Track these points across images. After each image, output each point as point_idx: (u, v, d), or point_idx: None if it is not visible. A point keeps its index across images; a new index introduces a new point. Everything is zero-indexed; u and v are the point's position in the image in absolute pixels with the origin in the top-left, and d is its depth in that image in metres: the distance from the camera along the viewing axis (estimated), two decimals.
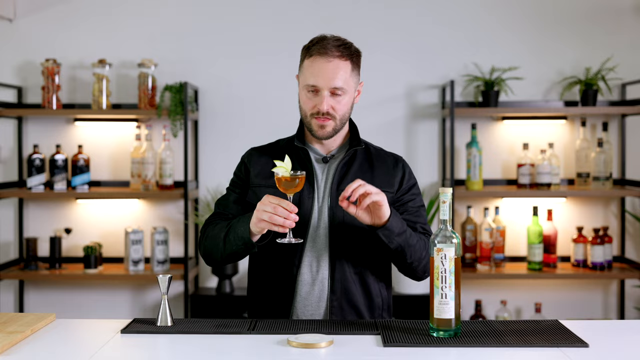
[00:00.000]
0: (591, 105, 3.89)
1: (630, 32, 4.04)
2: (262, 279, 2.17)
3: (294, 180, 1.95)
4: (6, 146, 4.07)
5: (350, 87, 2.11)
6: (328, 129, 2.11)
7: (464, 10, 4.05)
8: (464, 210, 4.05)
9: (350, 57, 2.10)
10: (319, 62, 2.07)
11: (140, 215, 4.08)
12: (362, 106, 4.03)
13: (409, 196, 2.20)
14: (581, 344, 1.79)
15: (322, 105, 2.07)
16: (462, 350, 1.76)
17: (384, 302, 2.18)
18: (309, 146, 2.20)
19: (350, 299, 2.10)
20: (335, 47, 2.08)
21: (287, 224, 1.92)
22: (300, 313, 2.12)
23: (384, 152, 2.26)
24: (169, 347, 1.82)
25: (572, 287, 4.08)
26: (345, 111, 2.12)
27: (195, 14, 4.07)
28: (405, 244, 2.03)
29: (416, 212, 2.19)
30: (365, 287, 2.13)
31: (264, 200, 1.94)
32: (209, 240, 2.13)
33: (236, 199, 2.21)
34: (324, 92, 2.07)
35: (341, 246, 2.09)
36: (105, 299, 4.09)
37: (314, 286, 2.10)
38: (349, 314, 2.11)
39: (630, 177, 4.03)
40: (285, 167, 1.96)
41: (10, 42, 4.07)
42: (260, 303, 2.18)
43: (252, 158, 2.24)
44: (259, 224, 1.96)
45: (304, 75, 2.11)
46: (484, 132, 4.06)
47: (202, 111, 4.08)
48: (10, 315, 2.02)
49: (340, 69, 2.07)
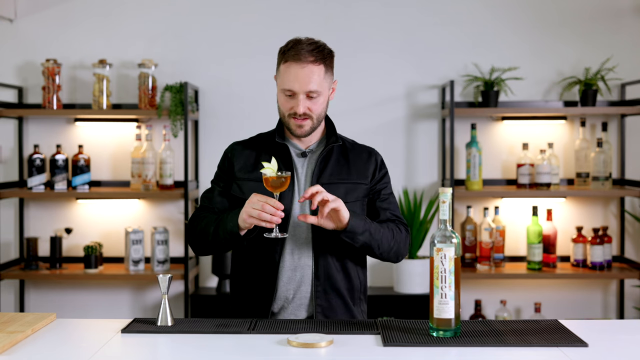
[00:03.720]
0: (591, 105, 3.90)
1: (630, 32, 4.04)
2: (246, 265, 2.28)
3: (280, 180, 2.09)
4: (7, 146, 4.07)
5: (324, 88, 2.23)
6: (306, 128, 2.24)
7: (464, 10, 4.06)
8: (463, 210, 4.05)
9: (324, 60, 2.22)
10: (293, 68, 2.19)
11: (140, 215, 4.08)
12: (362, 106, 4.04)
13: (381, 184, 2.33)
14: (581, 343, 1.79)
15: (299, 107, 2.20)
16: (462, 350, 1.76)
17: (362, 285, 2.33)
18: (288, 141, 2.32)
19: (332, 283, 2.23)
20: (308, 53, 2.19)
21: (275, 220, 2.05)
22: (281, 295, 2.22)
23: (358, 146, 2.38)
24: (169, 346, 1.83)
25: (572, 287, 4.08)
26: (320, 110, 2.25)
27: (195, 14, 4.07)
28: (369, 240, 2.17)
29: (387, 199, 2.33)
30: (345, 272, 2.26)
31: (252, 199, 2.08)
32: (197, 232, 2.26)
33: (220, 192, 2.32)
34: (300, 95, 2.20)
35: (323, 235, 2.20)
36: (106, 298, 4.09)
37: (296, 272, 2.22)
38: (333, 297, 2.23)
39: (630, 177, 4.03)
40: (272, 168, 2.10)
41: (11, 42, 4.08)
42: (243, 288, 2.28)
43: (234, 152, 2.34)
44: (248, 219, 2.08)
45: (281, 79, 2.23)
46: (484, 132, 4.06)
47: (202, 111, 4.08)
48: (10, 315, 2.02)
49: (314, 74, 2.19)
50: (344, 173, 2.28)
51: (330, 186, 2.22)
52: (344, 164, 2.30)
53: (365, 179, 2.30)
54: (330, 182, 2.24)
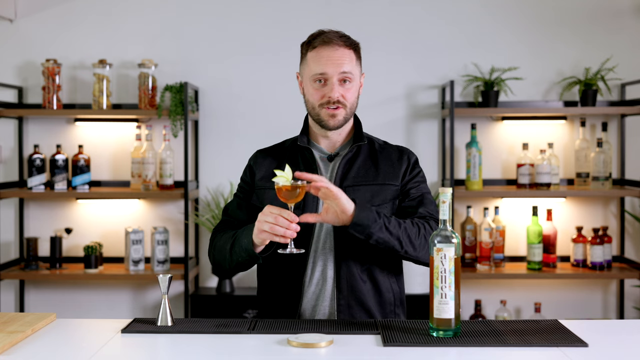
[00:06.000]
0: (591, 105, 3.90)
1: (630, 32, 4.04)
2: (270, 282, 2.16)
3: (294, 190, 1.92)
4: (7, 146, 4.07)
5: (356, 76, 2.13)
6: (339, 118, 2.11)
7: (464, 10, 4.06)
8: (463, 210, 4.05)
9: (353, 46, 2.14)
10: (325, 50, 2.09)
11: (140, 215, 4.08)
12: (362, 106, 3.99)
13: (412, 184, 2.17)
14: (581, 343, 1.79)
15: (333, 92, 2.07)
16: (461, 350, 1.76)
17: (396, 297, 2.15)
18: (313, 145, 2.20)
19: (357, 296, 2.07)
20: (337, 37, 2.11)
21: (288, 234, 1.90)
22: (308, 314, 2.11)
23: (389, 146, 2.25)
24: (169, 346, 1.83)
25: (572, 287, 4.08)
26: (353, 100, 2.13)
27: (195, 14, 4.07)
28: (386, 235, 1.97)
29: (418, 198, 2.14)
30: (374, 283, 2.10)
31: (265, 211, 1.93)
32: (217, 251, 2.14)
33: (240, 205, 2.20)
34: (333, 79, 2.08)
35: (347, 243, 2.07)
36: (106, 298, 4.09)
37: (321, 286, 2.09)
38: (358, 312, 2.09)
39: (630, 177, 4.03)
40: (285, 176, 1.92)
41: (11, 43, 4.08)
42: (269, 306, 2.17)
43: (257, 160, 2.23)
44: (260, 235, 1.94)
45: (309, 67, 2.12)
46: (484, 132, 4.06)
47: (202, 111, 4.08)
48: (10, 315, 2.02)
49: (346, 56, 2.10)
50: (370, 175, 2.13)
51: (354, 188, 2.09)
52: (370, 165, 2.16)
53: (395, 180, 2.15)
54: (354, 185, 2.10)
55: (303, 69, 2.16)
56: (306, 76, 2.14)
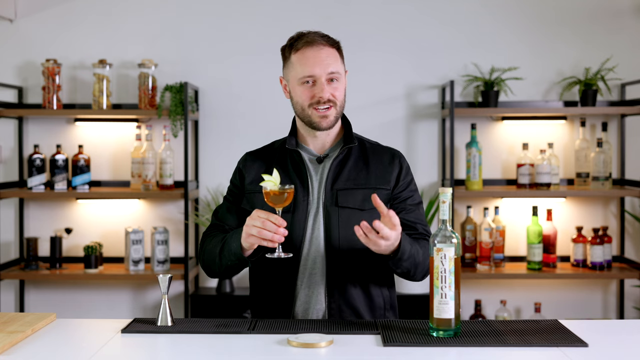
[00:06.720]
0: (591, 105, 3.89)
1: (630, 32, 4.04)
2: (263, 285, 2.16)
3: (282, 194, 1.93)
4: (7, 146, 4.07)
5: (342, 74, 2.13)
6: (330, 118, 2.09)
7: (463, 10, 4.06)
8: (463, 210, 4.05)
9: (336, 45, 2.13)
10: (309, 51, 2.07)
11: (140, 215, 4.08)
12: (362, 106, 4.04)
13: (407, 193, 2.16)
14: (581, 343, 1.79)
15: (324, 92, 2.06)
16: (461, 350, 1.76)
17: (386, 302, 2.15)
18: (302, 147, 2.18)
19: (348, 300, 2.08)
20: (320, 37, 2.10)
21: (276, 238, 1.90)
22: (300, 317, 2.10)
23: (380, 147, 2.23)
24: (169, 347, 1.83)
25: (572, 287, 4.08)
26: (342, 97, 2.13)
27: (195, 13, 4.07)
28: (412, 265, 1.99)
29: (415, 210, 2.14)
30: (365, 287, 2.10)
31: (253, 215, 1.92)
32: (206, 255, 2.13)
33: (230, 208, 2.19)
34: (322, 79, 2.07)
35: (338, 247, 2.07)
36: (106, 298, 4.09)
37: (313, 289, 2.09)
38: (348, 316, 2.09)
39: (630, 177, 4.03)
40: (273, 181, 1.93)
41: (11, 43, 4.08)
42: (262, 309, 2.16)
43: (246, 164, 2.22)
44: (248, 239, 1.94)
45: (295, 69, 2.10)
46: (484, 132, 4.06)
47: (202, 111, 4.08)
48: (10, 315, 2.02)
49: (331, 55, 2.09)
50: (361, 177, 2.11)
51: (346, 192, 2.08)
52: (362, 167, 2.14)
53: (386, 184, 2.13)
54: (346, 188, 2.09)
55: (288, 73, 2.13)
56: (292, 79, 2.11)
